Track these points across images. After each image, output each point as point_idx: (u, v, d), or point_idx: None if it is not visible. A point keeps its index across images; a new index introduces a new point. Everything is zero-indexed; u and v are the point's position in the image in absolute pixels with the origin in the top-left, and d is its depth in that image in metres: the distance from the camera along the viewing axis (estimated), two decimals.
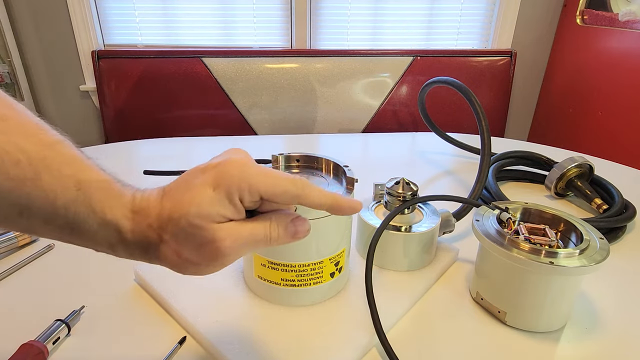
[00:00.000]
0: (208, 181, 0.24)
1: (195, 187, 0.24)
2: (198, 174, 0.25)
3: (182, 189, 0.24)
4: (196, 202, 0.23)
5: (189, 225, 0.23)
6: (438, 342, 0.39)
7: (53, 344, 0.36)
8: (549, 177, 0.68)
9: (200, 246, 0.24)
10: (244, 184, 0.24)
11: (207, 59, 1.57)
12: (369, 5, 1.77)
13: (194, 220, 0.23)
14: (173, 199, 0.24)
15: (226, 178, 0.24)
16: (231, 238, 0.24)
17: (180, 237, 0.24)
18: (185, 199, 0.24)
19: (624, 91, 1.48)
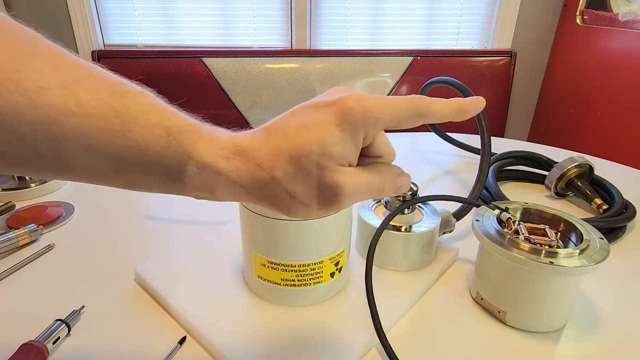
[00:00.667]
0: (330, 119, 0.23)
1: (316, 126, 0.23)
2: (312, 112, 0.24)
3: (297, 128, 0.23)
4: (319, 141, 0.22)
5: (312, 164, 0.23)
6: (438, 342, 0.39)
7: (53, 344, 0.36)
8: (549, 177, 0.68)
9: (318, 188, 0.23)
10: (370, 119, 0.23)
11: (207, 59, 1.57)
12: (369, 5, 1.77)
13: (319, 159, 0.23)
14: (288, 137, 0.23)
15: (351, 115, 0.23)
16: (351, 184, 0.23)
17: (298, 176, 0.23)
18: (306, 138, 0.23)
19: (624, 91, 1.48)
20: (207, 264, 0.46)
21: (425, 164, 0.82)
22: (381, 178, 0.25)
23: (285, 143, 0.23)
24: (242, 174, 0.24)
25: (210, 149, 0.24)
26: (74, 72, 0.22)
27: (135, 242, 0.53)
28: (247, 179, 0.24)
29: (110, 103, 0.22)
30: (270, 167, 0.23)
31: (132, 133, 0.22)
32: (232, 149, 0.24)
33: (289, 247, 0.37)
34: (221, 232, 0.51)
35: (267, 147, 0.24)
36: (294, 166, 0.23)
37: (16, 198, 0.62)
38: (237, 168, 0.24)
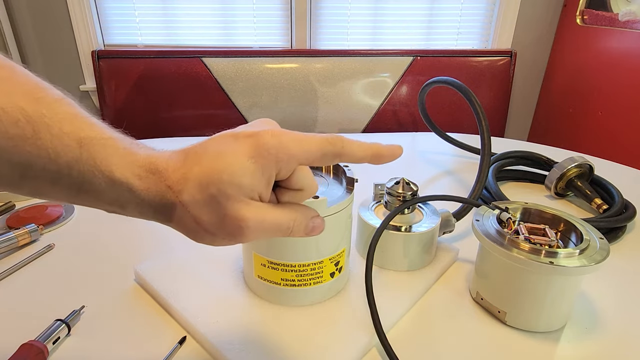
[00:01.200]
0: (245, 150, 0.23)
1: (229, 155, 0.23)
2: (230, 141, 0.24)
3: (212, 155, 0.23)
4: (230, 170, 0.23)
5: (219, 194, 0.22)
6: (438, 342, 0.39)
7: (53, 344, 0.36)
8: (549, 177, 0.68)
9: (223, 218, 0.23)
10: (283, 155, 0.23)
11: (207, 59, 1.57)
12: (369, 5, 1.77)
13: (226, 189, 0.22)
14: (202, 163, 0.23)
15: (265, 149, 0.23)
16: (256, 219, 0.23)
17: (204, 204, 0.23)
18: (218, 166, 0.23)
19: (624, 91, 1.48)
20: (207, 264, 0.46)
21: (425, 164, 0.82)
22: (292, 217, 0.25)
23: (198, 168, 0.23)
24: (151, 194, 0.23)
25: (123, 165, 0.23)
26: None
27: (135, 242, 0.53)
28: (155, 199, 0.24)
29: (24, 107, 0.21)
30: (179, 191, 0.23)
31: (42, 141, 0.21)
32: (147, 167, 0.24)
33: (289, 247, 0.37)
34: None
35: (181, 170, 0.23)
36: (202, 193, 0.23)
37: (16, 198, 0.62)
38: (148, 187, 0.23)
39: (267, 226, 0.24)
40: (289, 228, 0.25)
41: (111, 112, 1.55)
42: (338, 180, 0.42)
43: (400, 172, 0.49)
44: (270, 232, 0.24)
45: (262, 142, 0.23)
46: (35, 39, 1.61)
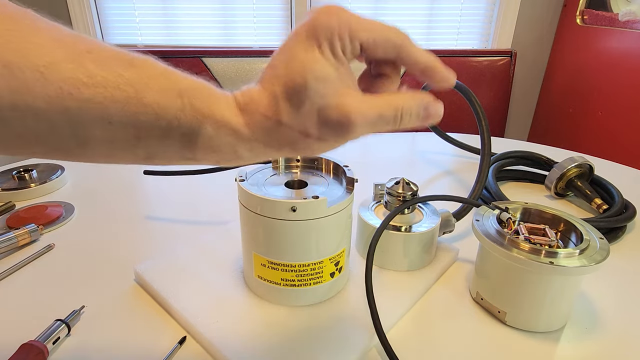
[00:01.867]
0: (309, 42, 0.22)
1: (299, 54, 0.22)
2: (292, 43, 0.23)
3: (284, 63, 0.23)
4: (308, 67, 0.22)
5: (313, 95, 0.22)
6: (438, 342, 0.39)
7: (53, 344, 0.36)
8: (549, 177, 0.68)
9: (327, 118, 0.23)
10: (344, 30, 0.22)
11: (207, 59, 1.57)
12: (369, 6, 1.77)
13: (316, 86, 0.22)
14: (279, 76, 0.23)
15: (323, 28, 0.22)
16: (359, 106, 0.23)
17: (302, 113, 0.23)
18: (295, 70, 0.22)
19: (624, 91, 1.48)
20: (207, 264, 0.46)
21: (425, 164, 0.82)
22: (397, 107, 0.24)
23: (279, 84, 0.23)
24: (252, 128, 0.24)
25: (223, 107, 0.24)
26: (80, 45, 0.22)
27: (135, 242, 0.53)
28: (258, 131, 0.24)
29: (120, 72, 0.22)
30: (275, 113, 0.23)
31: (146, 99, 0.22)
32: (238, 104, 0.24)
33: (289, 247, 0.37)
34: (221, 232, 0.51)
35: (265, 94, 0.24)
36: (297, 104, 0.23)
37: (16, 198, 0.62)
38: (247, 122, 0.24)
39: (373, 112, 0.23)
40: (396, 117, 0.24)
41: None
42: (338, 180, 0.42)
43: (400, 172, 0.49)
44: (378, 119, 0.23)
45: (318, 21, 0.22)
46: None
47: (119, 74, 0.22)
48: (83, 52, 0.22)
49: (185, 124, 0.23)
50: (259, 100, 0.24)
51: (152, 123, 0.23)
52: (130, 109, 0.22)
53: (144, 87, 0.22)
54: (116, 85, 0.22)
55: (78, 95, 0.21)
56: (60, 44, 0.21)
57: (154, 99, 0.22)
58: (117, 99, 0.22)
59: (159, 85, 0.23)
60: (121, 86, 0.22)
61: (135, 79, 0.22)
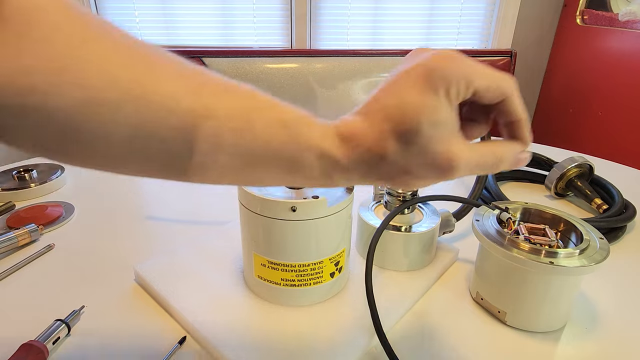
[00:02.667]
0: (426, 85, 0.23)
1: (414, 97, 0.23)
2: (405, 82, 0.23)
3: (397, 103, 0.23)
4: (426, 111, 0.22)
5: (424, 138, 0.23)
6: (438, 342, 0.39)
7: (53, 344, 0.36)
8: (549, 177, 0.68)
9: (433, 160, 0.23)
10: (462, 77, 0.23)
11: (207, 59, 1.57)
12: (369, 5, 1.77)
13: (429, 131, 0.22)
14: (391, 115, 0.23)
15: (441, 74, 0.23)
16: (465, 156, 0.24)
17: (409, 153, 0.23)
18: (409, 112, 0.23)
19: (624, 91, 1.48)
20: (207, 264, 0.46)
21: None
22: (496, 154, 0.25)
23: (390, 123, 0.23)
24: (353, 160, 0.24)
25: (323, 138, 0.24)
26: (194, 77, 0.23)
27: (135, 242, 0.53)
28: (359, 163, 0.24)
29: (233, 103, 0.23)
30: (382, 149, 0.24)
31: (255, 130, 0.23)
32: (339, 136, 0.24)
33: (289, 247, 0.37)
34: (221, 232, 0.51)
35: (372, 130, 0.24)
36: (405, 143, 0.23)
37: (16, 198, 0.62)
38: (348, 154, 0.24)
39: (475, 161, 0.24)
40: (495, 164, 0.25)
41: None
42: None
43: None
44: (478, 167, 0.25)
45: (437, 67, 0.23)
46: None
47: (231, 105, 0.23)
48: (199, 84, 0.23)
49: (290, 154, 0.24)
50: (364, 134, 0.24)
51: (261, 153, 0.24)
52: (244, 137, 0.23)
53: (255, 118, 0.23)
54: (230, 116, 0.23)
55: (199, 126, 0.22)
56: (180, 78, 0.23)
57: (262, 130, 0.23)
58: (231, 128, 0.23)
59: (267, 117, 0.24)
60: (234, 118, 0.23)
61: (244, 109, 0.23)
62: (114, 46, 0.21)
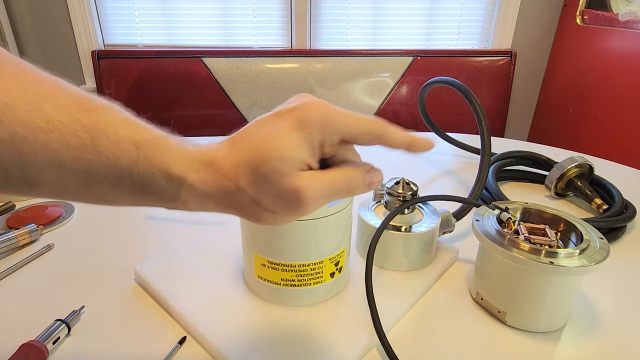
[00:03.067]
0: (289, 125, 0.24)
1: (275, 132, 0.24)
2: (273, 120, 0.24)
3: (259, 136, 0.24)
4: (279, 146, 0.23)
5: (272, 171, 0.23)
6: (438, 342, 0.39)
7: (53, 344, 0.36)
8: (549, 177, 0.68)
9: (280, 194, 0.24)
10: (327, 126, 0.24)
11: (207, 59, 1.57)
12: (369, 5, 1.77)
13: (277, 165, 0.23)
14: (250, 146, 0.24)
15: (309, 120, 0.24)
16: (312, 187, 0.24)
17: (259, 184, 0.24)
18: (266, 145, 0.23)
19: (624, 91, 1.48)
20: (207, 264, 0.46)
21: (425, 164, 0.82)
22: (347, 175, 0.25)
23: (247, 153, 0.24)
24: (209, 185, 0.24)
25: (179, 161, 0.24)
26: (41, 88, 0.22)
27: (135, 242, 0.53)
28: (214, 189, 0.24)
29: (79, 118, 0.22)
30: (235, 177, 0.24)
31: (101, 147, 0.22)
32: (200, 160, 0.24)
33: (289, 247, 0.37)
34: (221, 232, 0.51)
35: (230, 157, 0.24)
36: (255, 174, 0.23)
37: (16, 198, 0.62)
38: (205, 179, 0.24)
39: (325, 190, 0.24)
40: (347, 186, 0.25)
41: None
42: None
43: (400, 172, 0.49)
44: (330, 195, 0.25)
45: (307, 113, 0.24)
46: (36, 39, 1.61)
47: (77, 119, 0.22)
48: (45, 95, 0.21)
49: (138, 174, 0.23)
50: (223, 160, 0.24)
51: (104, 171, 0.23)
52: (84, 156, 0.22)
53: (100, 134, 0.22)
54: (73, 131, 0.22)
55: (33, 140, 0.21)
56: (20, 86, 0.21)
57: (108, 148, 0.22)
58: (72, 146, 0.22)
59: (116, 134, 0.23)
60: (78, 133, 0.22)
61: (93, 126, 0.22)
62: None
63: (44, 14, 1.59)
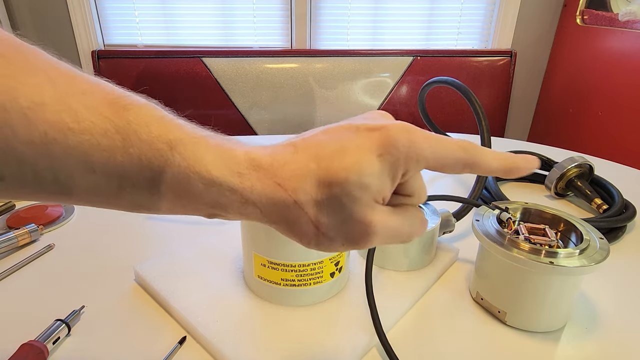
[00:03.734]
0: (371, 146, 0.21)
1: (354, 151, 0.21)
2: (351, 135, 0.21)
3: (333, 150, 0.21)
4: (359, 169, 0.20)
5: (344, 195, 0.20)
6: (438, 342, 0.39)
7: (53, 344, 0.36)
8: (549, 177, 0.68)
9: (346, 221, 0.21)
10: (413, 154, 0.21)
11: (207, 59, 1.57)
12: (369, 5, 1.77)
13: (355, 191, 0.20)
14: (320, 159, 0.21)
15: (394, 146, 0.21)
16: (383, 226, 0.21)
17: (326, 205, 0.21)
18: (342, 164, 0.20)
19: (624, 91, 1.48)
20: (207, 264, 0.46)
21: None
22: (410, 223, 0.23)
23: (315, 165, 0.21)
24: (257, 193, 0.21)
25: (220, 163, 0.21)
26: (74, 85, 0.21)
27: (135, 242, 0.53)
28: (263, 198, 0.21)
29: (111, 117, 0.20)
30: (294, 189, 0.21)
31: (133, 148, 0.20)
32: (247, 163, 0.21)
33: (289, 247, 0.37)
34: (221, 232, 0.51)
35: (292, 165, 0.21)
36: (323, 193, 0.21)
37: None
38: (252, 185, 0.21)
39: (391, 232, 0.22)
40: (408, 234, 0.23)
41: None
42: None
43: None
44: (392, 238, 0.23)
45: (394, 138, 0.21)
46: (35, 39, 1.61)
47: (108, 119, 0.20)
48: (77, 94, 0.20)
49: (172, 178, 0.21)
50: (281, 166, 0.21)
51: (137, 174, 0.21)
52: (116, 158, 0.20)
53: (132, 134, 0.20)
54: (104, 132, 0.20)
55: (63, 142, 0.19)
56: (52, 84, 0.20)
57: (140, 149, 0.21)
58: (103, 148, 0.20)
59: (149, 134, 0.21)
60: (109, 133, 0.20)
61: (125, 125, 0.20)
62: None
63: (44, 14, 1.59)
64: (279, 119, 1.62)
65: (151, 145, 0.21)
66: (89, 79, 0.22)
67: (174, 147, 0.21)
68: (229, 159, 0.22)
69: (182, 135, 0.21)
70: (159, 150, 0.21)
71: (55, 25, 1.61)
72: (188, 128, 0.22)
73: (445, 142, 0.22)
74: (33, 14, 1.58)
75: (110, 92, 0.21)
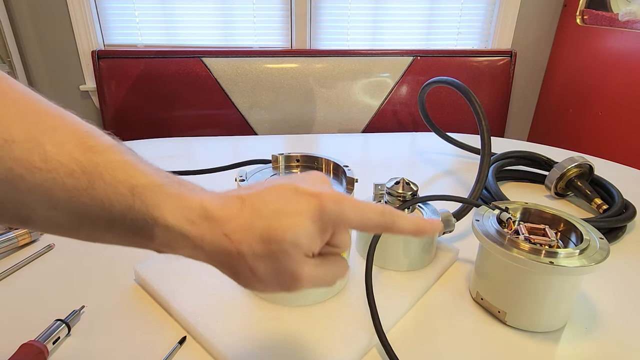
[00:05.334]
0: (308, 212, 0.24)
1: (293, 215, 0.24)
2: (291, 198, 0.24)
3: (275, 211, 0.24)
4: (295, 231, 0.23)
5: (280, 251, 0.23)
6: (438, 342, 0.39)
7: (53, 344, 0.36)
8: (549, 177, 0.68)
9: (281, 273, 0.24)
10: (341, 221, 0.24)
11: (207, 59, 1.57)
12: (369, 5, 1.77)
13: (289, 249, 0.23)
14: (264, 218, 0.24)
15: (326, 215, 0.24)
16: (310, 276, 0.24)
17: (264, 257, 0.24)
18: (282, 224, 0.23)
19: (624, 91, 1.48)
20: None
21: (425, 164, 0.82)
22: (335, 272, 0.26)
23: (259, 222, 0.24)
24: (206, 241, 0.24)
25: (176, 211, 0.23)
26: (43, 122, 0.21)
27: None
28: (211, 245, 0.24)
29: (79, 158, 0.21)
30: (238, 240, 0.23)
31: (96, 191, 0.22)
32: (200, 212, 0.24)
33: None
34: None
35: (239, 219, 0.24)
36: (263, 247, 0.23)
37: None
38: (202, 234, 0.24)
39: (317, 280, 0.25)
40: (332, 281, 0.26)
41: (111, 112, 1.55)
42: (338, 180, 0.42)
43: (400, 172, 0.49)
44: (318, 284, 0.26)
45: (326, 207, 0.24)
46: (35, 39, 1.61)
47: (75, 159, 0.21)
48: (47, 130, 0.21)
49: (131, 220, 0.23)
50: (229, 219, 0.24)
51: (97, 214, 0.22)
52: (79, 199, 0.21)
53: (98, 177, 0.22)
54: (70, 172, 0.21)
55: (29, 179, 0.20)
56: (22, 120, 0.20)
57: (104, 192, 0.22)
58: (67, 188, 0.21)
59: (113, 178, 0.22)
60: (75, 174, 0.21)
61: (91, 167, 0.22)
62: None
63: (44, 14, 1.59)
64: (279, 119, 1.62)
65: (115, 190, 0.22)
66: (59, 113, 0.22)
67: (135, 194, 0.23)
68: (184, 208, 0.24)
69: (144, 181, 0.23)
70: (122, 195, 0.22)
71: (55, 25, 1.61)
72: (150, 174, 0.24)
73: (369, 210, 0.25)
74: (33, 13, 1.58)
75: (78, 129, 0.22)
